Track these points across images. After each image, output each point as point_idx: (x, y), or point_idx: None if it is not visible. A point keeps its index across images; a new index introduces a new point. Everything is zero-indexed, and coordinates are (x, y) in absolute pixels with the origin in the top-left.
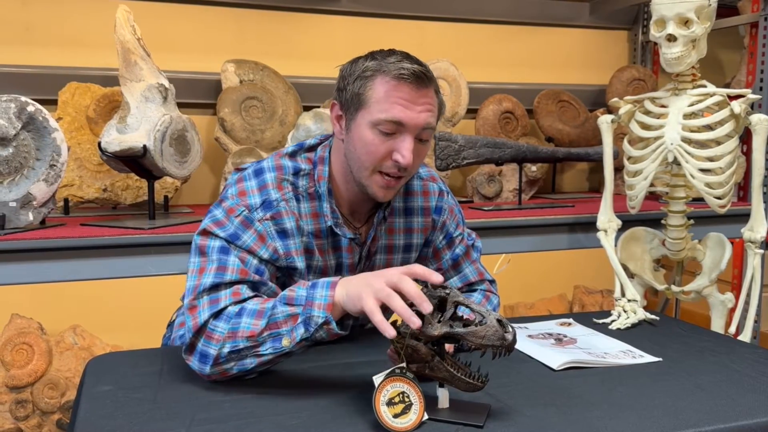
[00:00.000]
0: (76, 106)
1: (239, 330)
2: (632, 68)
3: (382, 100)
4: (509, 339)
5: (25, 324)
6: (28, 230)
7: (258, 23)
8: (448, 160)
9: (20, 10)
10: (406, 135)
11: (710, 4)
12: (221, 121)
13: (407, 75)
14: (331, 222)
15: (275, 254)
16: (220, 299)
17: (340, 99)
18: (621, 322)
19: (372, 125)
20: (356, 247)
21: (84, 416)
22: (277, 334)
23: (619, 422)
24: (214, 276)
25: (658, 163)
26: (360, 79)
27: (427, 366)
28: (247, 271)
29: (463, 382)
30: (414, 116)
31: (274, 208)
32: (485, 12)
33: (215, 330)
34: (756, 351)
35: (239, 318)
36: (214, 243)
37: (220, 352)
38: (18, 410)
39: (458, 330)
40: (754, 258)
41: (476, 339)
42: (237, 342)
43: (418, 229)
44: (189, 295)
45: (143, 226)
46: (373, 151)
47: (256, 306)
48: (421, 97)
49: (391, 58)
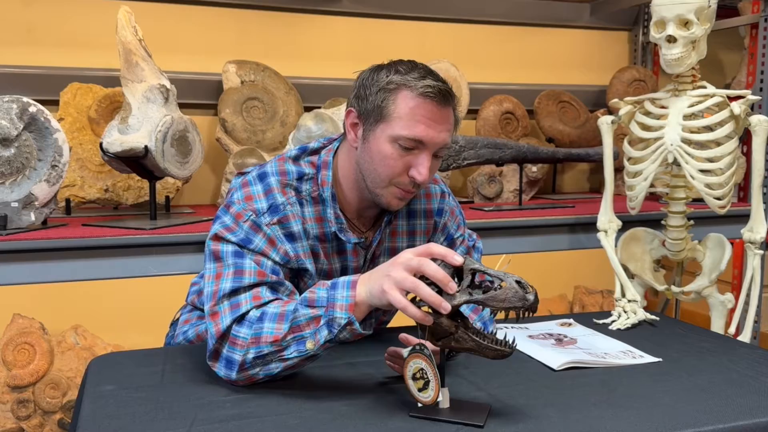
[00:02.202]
0: (77, 106)
1: (263, 335)
2: (633, 69)
3: (406, 116)
4: (531, 299)
5: (27, 324)
6: (29, 230)
7: (259, 24)
8: (448, 161)
9: (22, 11)
10: (424, 152)
11: (710, 5)
12: (222, 121)
13: (432, 93)
14: (335, 227)
15: (286, 257)
16: (240, 304)
17: (359, 108)
18: (621, 322)
19: (392, 140)
20: (361, 251)
21: (87, 416)
22: (300, 337)
23: (619, 422)
24: (233, 281)
25: (658, 164)
26: (383, 92)
27: (453, 338)
28: (265, 273)
29: (491, 350)
30: (435, 135)
31: (281, 212)
32: (486, 13)
33: (238, 336)
34: (756, 351)
35: (261, 323)
36: (227, 248)
37: (245, 358)
38: (20, 410)
39: (478, 297)
40: (754, 259)
41: (497, 303)
42: (261, 347)
43: (420, 232)
44: (209, 301)
45: (145, 226)
46: (392, 165)
47: (278, 309)
48: (443, 116)
49: (415, 72)
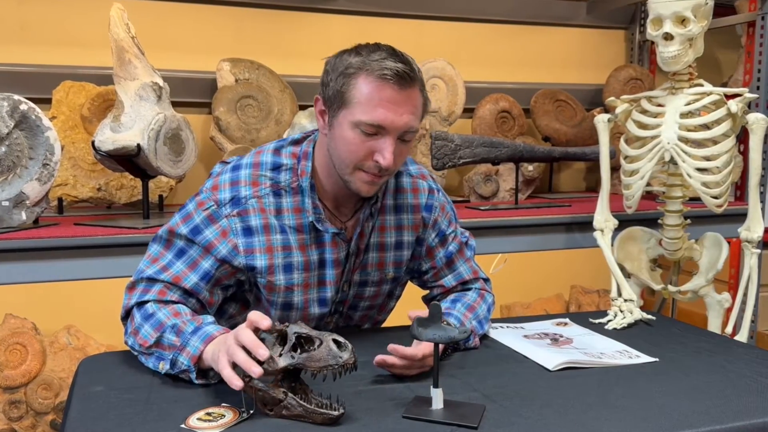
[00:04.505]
0: (70, 104)
1: (139, 334)
2: (629, 67)
3: (365, 101)
4: (345, 357)
5: (19, 324)
6: (21, 230)
7: (254, 22)
8: (444, 160)
9: (15, 9)
10: (387, 137)
11: (707, 3)
12: (217, 120)
13: (390, 75)
14: (312, 217)
15: (234, 251)
16: (149, 290)
17: (324, 94)
18: (617, 322)
19: (354, 125)
20: (341, 243)
21: (75, 417)
22: (159, 355)
23: (615, 423)
24: (156, 271)
25: (654, 163)
26: (343, 77)
27: (282, 406)
28: (180, 279)
29: (318, 414)
30: (395, 119)
31: (242, 205)
32: (482, 11)
33: (134, 320)
34: (752, 351)
35: (146, 321)
36: (177, 240)
37: (129, 343)
38: (12, 411)
39: (298, 359)
40: (751, 258)
41: (314, 363)
42: (135, 343)
43: (408, 227)
44: (135, 274)
45: (138, 225)
46: (355, 150)
47: (163, 318)
48: (404, 99)
49: (376, 54)
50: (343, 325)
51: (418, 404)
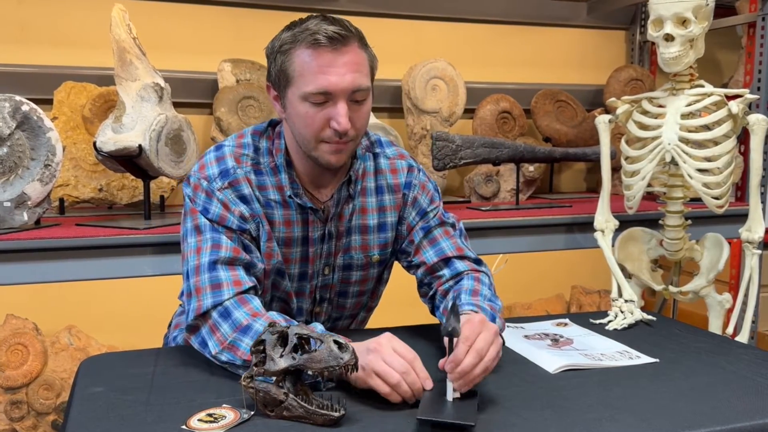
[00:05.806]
0: (71, 105)
1: (239, 350)
2: (630, 68)
3: (305, 72)
4: (345, 358)
5: (20, 324)
6: (22, 230)
7: (255, 22)
8: (445, 160)
9: (16, 9)
10: (337, 101)
11: (708, 4)
12: (218, 120)
13: (323, 39)
14: (289, 191)
15: (242, 218)
16: (222, 285)
17: (271, 79)
18: (618, 322)
19: (302, 99)
20: (317, 222)
21: (75, 417)
22: None
23: (615, 424)
24: (210, 254)
25: (655, 163)
26: (280, 55)
27: (283, 407)
28: (239, 251)
29: (318, 416)
30: (338, 81)
31: (231, 176)
32: (483, 12)
33: (219, 329)
34: (753, 352)
35: (244, 335)
36: (201, 224)
37: (217, 357)
38: (13, 411)
39: (299, 360)
40: (752, 258)
41: (315, 364)
42: (234, 358)
43: (390, 207)
44: (193, 276)
45: (139, 226)
46: (311, 123)
47: (258, 327)
48: (341, 59)
49: (305, 24)
50: (336, 316)
51: (433, 399)
